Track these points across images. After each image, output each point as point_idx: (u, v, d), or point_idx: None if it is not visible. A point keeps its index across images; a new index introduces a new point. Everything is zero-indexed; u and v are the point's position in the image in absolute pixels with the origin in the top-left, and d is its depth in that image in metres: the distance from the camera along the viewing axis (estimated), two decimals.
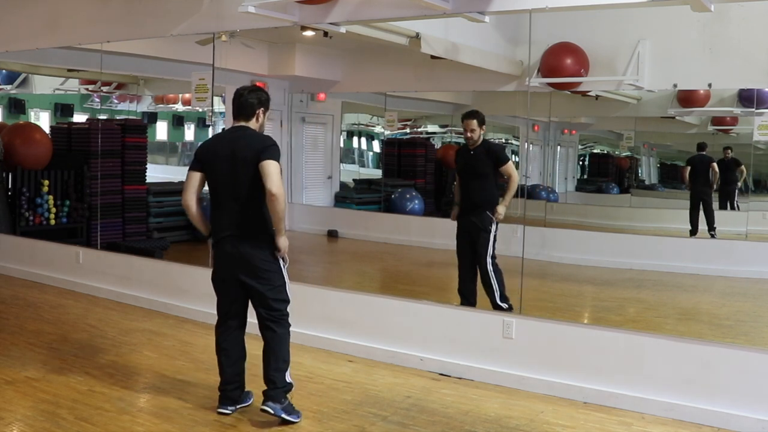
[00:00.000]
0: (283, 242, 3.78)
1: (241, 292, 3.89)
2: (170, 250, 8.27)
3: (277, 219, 3.69)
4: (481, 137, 5.49)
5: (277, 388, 3.78)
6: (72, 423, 3.74)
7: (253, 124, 3.84)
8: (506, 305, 5.27)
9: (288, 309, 3.87)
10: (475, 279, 5.48)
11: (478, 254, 5.39)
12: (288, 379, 3.83)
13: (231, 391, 3.95)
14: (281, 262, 3.84)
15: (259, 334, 3.88)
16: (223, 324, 3.98)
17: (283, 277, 3.84)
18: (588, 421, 4.01)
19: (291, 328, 3.89)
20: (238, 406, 3.97)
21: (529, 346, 4.56)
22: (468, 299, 5.43)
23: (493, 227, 5.39)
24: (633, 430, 3.92)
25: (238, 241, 3.77)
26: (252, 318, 3.94)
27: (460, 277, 5.56)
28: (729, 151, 8.38)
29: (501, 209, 5.35)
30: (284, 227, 3.76)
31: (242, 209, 3.76)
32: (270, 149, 3.69)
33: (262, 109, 3.85)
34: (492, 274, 5.33)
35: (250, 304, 3.94)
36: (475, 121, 5.41)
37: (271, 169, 3.63)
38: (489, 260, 5.36)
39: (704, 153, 8.48)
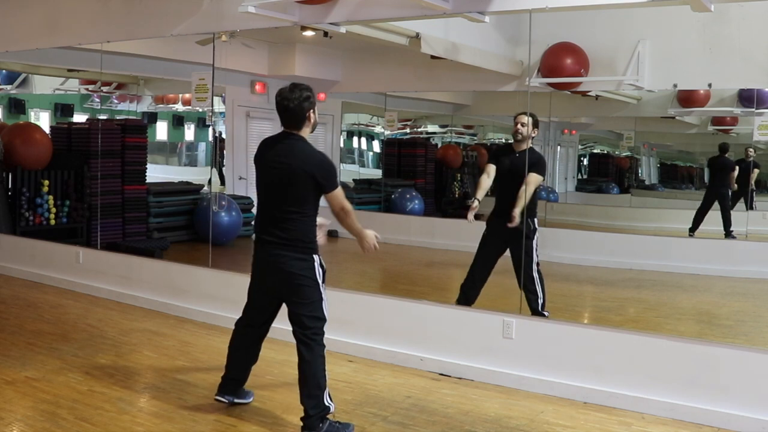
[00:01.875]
0: (366, 239, 3.87)
1: (271, 305, 3.84)
2: (170, 250, 8.27)
3: (354, 228, 3.79)
4: (530, 140, 5.33)
5: (310, 416, 3.61)
6: (72, 423, 3.74)
7: (305, 130, 3.71)
8: (547, 314, 5.16)
9: (324, 328, 3.71)
10: (484, 282, 5.40)
11: (522, 261, 5.21)
12: (326, 402, 3.64)
13: (232, 383, 3.97)
14: (320, 277, 3.71)
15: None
16: (244, 326, 3.93)
17: (320, 293, 3.69)
18: (588, 421, 4.01)
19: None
20: (235, 400, 3.98)
21: (529, 346, 4.56)
22: (468, 298, 5.39)
23: (536, 233, 5.26)
24: (633, 430, 3.92)
25: (277, 249, 3.67)
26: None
27: (470, 275, 5.43)
28: (751, 150, 8.26)
29: (516, 213, 5.15)
30: (359, 229, 3.82)
31: (286, 221, 3.66)
32: (331, 176, 3.65)
33: (311, 110, 3.71)
34: (537, 281, 5.20)
35: (276, 317, 3.90)
36: (528, 118, 5.28)
37: (339, 198, 3.68)
38: (534, 266, 5.22)
39: (726, 156, 8.43)
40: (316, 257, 3.72)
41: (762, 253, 7.44)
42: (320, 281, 3.71)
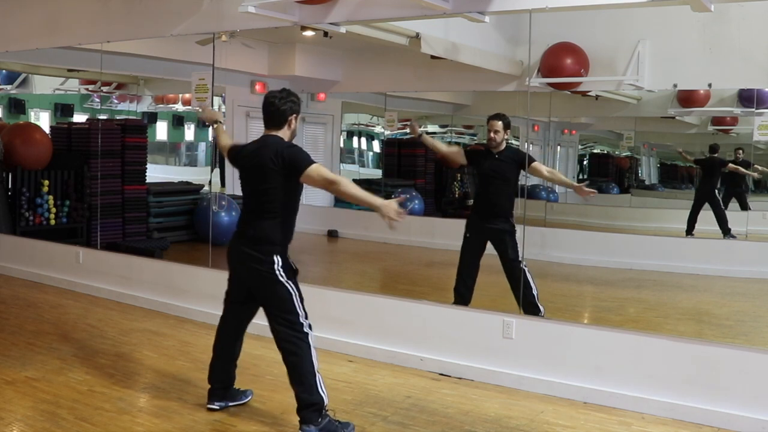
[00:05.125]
0: (385, 210, 3.41)
1: (246, 299, 3.86)
2: (170, 250, 8.27)
3: (357, 197, 3.51)
4: (505, 142, 5.43)
5: (303, 408, 3.61)
6: (72, 423, 3.74)
7: (284, 132, 3.72)
8: (542, 307, 5.20)
9: (302, 320, 3.68)
10: (475, 280, 5.45)
11: (510, 258, 5.28)
12: (320, 393, 3.62)
13: (217, 389, 3.97)
14: (283, 276, 3.65)
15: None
16: (222, 324, 3.99)
17: (288, 290, 3.67)
18: (588, 421, 4.01)
19: None
20: (229, 404, 3.98)
21: (529, 346, 4.56)
22: (464, 298, 5.41)
23: (516, 230, 5.33)
24: (633, 430, 3.92)
25: (244, 245, 3.72)
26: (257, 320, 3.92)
27: (459, 278, 5.49)
28: (740, 152, 8.33)
29: (584, 187, 5.30)
30: (369, 198, 3.49)
31: (256, 219, 3.71)
32: (301, 155, 3.58)
33: (294, 115, 3.72)
34: (529, 276, 5.25)
35: (255, 314, 3.94)
36: (500, 123, 5.36)
37: (318, 172, 3.52)
38: (523, 266, 5.27)
39: (715, 155, 8.46)
40: (276, 258, 3.66)
41: (762, 253, 7.43)
42: (283, 279, 3.66)
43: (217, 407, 3.96)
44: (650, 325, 5.66)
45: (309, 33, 6.66)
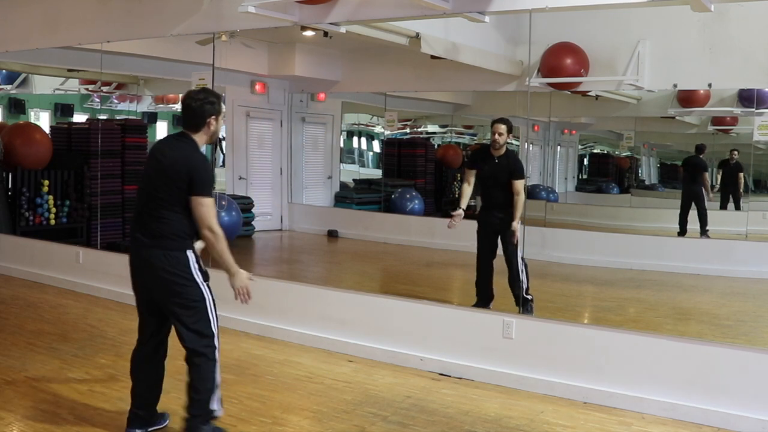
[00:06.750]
0: (239, 280, 3.41)
1: (154, 313, 3.64)
2: None
3: (222, 258, 3.36)
4: (506, 145, 5.56)
5: (193, 416, 3.43)
6: (72, 423, 3.74)
7: (201, 135, 3.46)
8: (531, 296, 5.41)
9: (215, 343, 3.45)
10: (492, 271, 5.58)
11: (509, 251, 5.47)
12: (212, 406, 3.44)
13: (142, 415, 3.68)
14: (198, 276, 3.42)
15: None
16: (138, 344, 3.70)
17: (202, 293, 3.42)
18: (588, 421, 4.01)
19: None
20: (149, 429, 3.69)
21: (529, 346, 4.56)
22: (485, 293, 5.53)
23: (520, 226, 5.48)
24: (633, 430, 3.92)
25: (149, 244, 3.46)
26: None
27: (477, 270, 5.63)
28: (735, 152, 8.35)
29: (516, 225, 5.41)
30: (232, 262, 3.39)
31: (160, 216, 3.42)
32: (204, 179, 3.35)
33: (213, 117, 3.44)
34: (522, 271, 5.41)
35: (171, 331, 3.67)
36: (504, 126, 5.51)
37: (204, 210, 3.31)
38: (519, 258, 5.42)
39: (701, 157, 8.49)
40: (189, 254, 3.42)
41: (762, 253, 7.44)
42: (199, 280, 3.42)
43: None
44: (650, 325, 5.66)
45: (309, 33, 6.66)
